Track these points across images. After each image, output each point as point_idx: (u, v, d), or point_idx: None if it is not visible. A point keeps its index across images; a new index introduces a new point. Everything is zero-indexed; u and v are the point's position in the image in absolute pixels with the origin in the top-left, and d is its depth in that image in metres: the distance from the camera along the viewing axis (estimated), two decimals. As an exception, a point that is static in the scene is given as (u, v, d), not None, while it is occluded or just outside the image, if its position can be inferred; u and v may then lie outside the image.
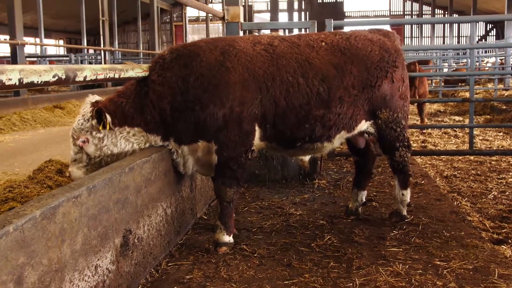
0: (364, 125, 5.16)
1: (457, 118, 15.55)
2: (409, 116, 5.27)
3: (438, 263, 4.37)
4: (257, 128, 4.69)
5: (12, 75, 2.66)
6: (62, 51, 55.75)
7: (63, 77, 3.19)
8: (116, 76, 4.01)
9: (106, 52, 19.83)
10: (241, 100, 4.54)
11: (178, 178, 4.98)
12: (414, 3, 54.65)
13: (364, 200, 5.72)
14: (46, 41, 44.47)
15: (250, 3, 48.63)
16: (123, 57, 37.73)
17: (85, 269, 3.15)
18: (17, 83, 2.71)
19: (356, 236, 5.04)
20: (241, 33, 7.65)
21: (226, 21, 7.55)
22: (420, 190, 6.79)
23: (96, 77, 3.65)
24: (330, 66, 4.83)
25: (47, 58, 30.15)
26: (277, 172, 7.35)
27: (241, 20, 7.58)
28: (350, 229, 5.28)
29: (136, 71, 4.44)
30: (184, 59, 4.63)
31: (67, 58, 24.76)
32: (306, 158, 6.72)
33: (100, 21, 17.94)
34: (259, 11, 57.67)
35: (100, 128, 4.50)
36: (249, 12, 45.24)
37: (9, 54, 16.65)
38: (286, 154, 6.43)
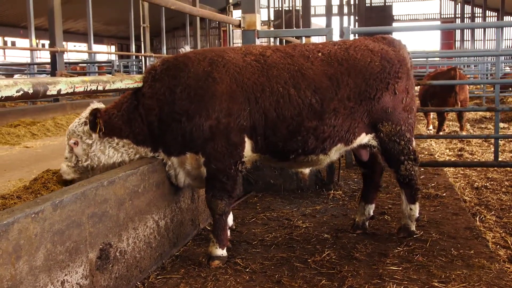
0: (365, 138, 4.98)
1: (501, 125, 14.91)
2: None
3: (436, 284, 4.14)
4: (247, 139, 4.59)
5: (-39, 90, 2.65)
6: (113, 56, 56.80)
7: (30, 91, 3.17)
8: (100, 88, 3.97)
9: (147, 58, 20.06)
10: (228, 111, 4.45)
11: (174, 189, 4.92)
12: (465, 5, 53.26)
13: (371, 214, 5.51)
14: (97, 46, 45.38)
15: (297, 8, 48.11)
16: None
17: (48, 285, 3.11)
18: (-33, 99, 2.70)
19: (357, 252, 4.85)
20: (257, 41, 7.54)
21: (242, 29, 7.46)
22: (439, 203, 6.51)
23: (73, 90, 3.62)
24: (324, 77, 4.68)
25: (96, 64, 30.83)
26: (292, 181, 7.21)
27: (258, 27, 7.48)
28: (353, 244, 5.09)
29: (126, 82, 4.40)
30: (174, 70, 4.59)
31: (110, 64, 25.15)
32: (306, 170, 6.56)
33: (141, 28, 18.12)
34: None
35: (92, 132, 4.55)
36: (296, 17, 44.76)
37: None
38: (282, 167, 6.29)
